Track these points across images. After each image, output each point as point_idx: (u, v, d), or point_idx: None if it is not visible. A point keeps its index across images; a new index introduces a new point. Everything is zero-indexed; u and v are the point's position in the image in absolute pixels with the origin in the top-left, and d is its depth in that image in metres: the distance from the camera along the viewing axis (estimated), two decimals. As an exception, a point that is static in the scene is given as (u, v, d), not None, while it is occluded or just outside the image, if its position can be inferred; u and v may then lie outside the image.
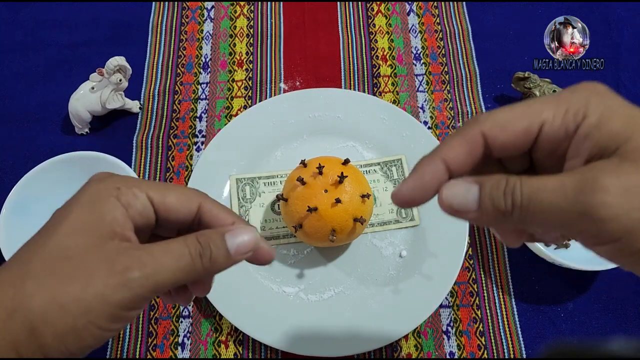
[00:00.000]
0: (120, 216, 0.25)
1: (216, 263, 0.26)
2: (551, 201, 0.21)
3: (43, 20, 0.66)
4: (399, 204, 0.25)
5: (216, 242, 0.26)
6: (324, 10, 0.66)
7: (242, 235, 0.27)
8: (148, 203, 0.27)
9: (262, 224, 0.52)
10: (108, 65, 0.54)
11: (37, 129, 0.59)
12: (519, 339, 0.48)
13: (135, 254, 0.24)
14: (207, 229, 0.27)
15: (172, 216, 0.27)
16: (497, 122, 0.24)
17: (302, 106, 0.57)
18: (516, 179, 0.22)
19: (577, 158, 0.23)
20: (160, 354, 0.48)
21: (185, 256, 0.25)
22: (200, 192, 0.29)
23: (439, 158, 0.24)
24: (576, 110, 0.22)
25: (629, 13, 0.66)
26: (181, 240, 0.26)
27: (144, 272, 0.24)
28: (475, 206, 0.23)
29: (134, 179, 0.27)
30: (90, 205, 0.25)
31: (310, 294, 0.49)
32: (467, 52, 0.63)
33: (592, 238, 0.21)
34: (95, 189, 0.26)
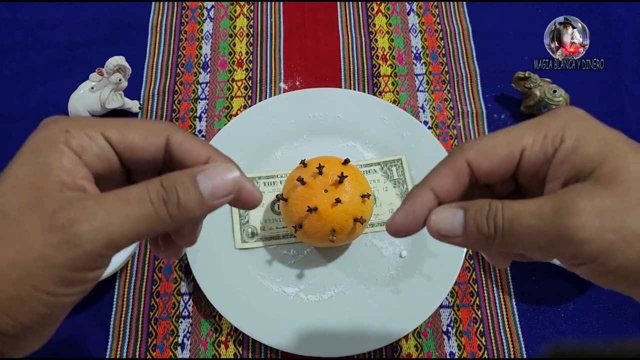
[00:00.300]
0: (70, 163, 0.22)
1: (186, 210, 0.22)
2: (530, 224, 0.22)
3: (43, 20, 0.66)
4: (393, 233, 0.26)
5: (185, 185, 0.22)
6: (324, 10, 0.66)
7: (218, 175, 0.23)
8: (106, 144, 0.23)
9: (262, 224, 0.52)
10: (108, 65, 0.54)
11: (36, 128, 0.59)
12: (519, 339, 0.48)
13: (81, 204, 0.21)
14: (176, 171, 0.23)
15: (138, 155, 0.24)
16: (480, 150, 0.25)
17: (302, 106, 0.57)
18: (498, 203, 0.23)
19: (556, 181, 0.23)
20: (160, 354, 0.48)
21: (146, 203, 0.22)
22: (169, 124, 0.25)
23: (428, 187, 0.25)
24: (554, 134, 0.23)
25: (629, 13, 0.66)
26: (142, 185, 0.22)
27: (92, 225, 0.20)
28: (460, 231, 0.24)
29: (88, 119, 0.24)
30: (33, 156, 0.22)
31: (310, 294, 0.49)
32: (467, 51, 0.63)
33: (570, 259, 0.22)
34: (39, 137, 0.23)
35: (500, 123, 0.59)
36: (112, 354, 0.48)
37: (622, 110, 0.59)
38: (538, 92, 0.55)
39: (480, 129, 0.58)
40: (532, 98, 0.56)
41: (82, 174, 0.22)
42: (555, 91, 0.55)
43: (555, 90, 0.55)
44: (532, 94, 0.56)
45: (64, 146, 0.22)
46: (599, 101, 0.60)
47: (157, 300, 0.50)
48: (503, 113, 0.59)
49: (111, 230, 0.21)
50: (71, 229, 0.20)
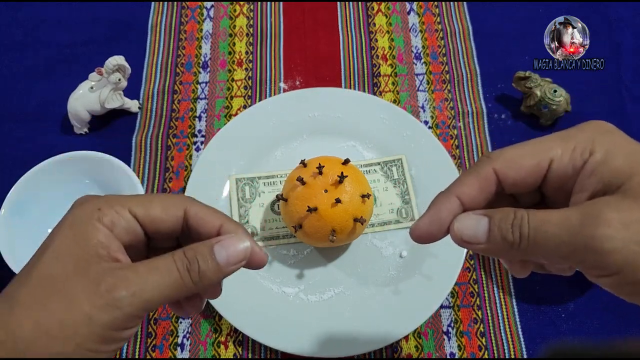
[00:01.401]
0: (104, 238, 0.25)
1: (206, 276, 0.25)
2: (556, 233, 0.22)
3: (42, 19, 0.66)
4: (417, 239, 0.26)
5: (204, 255, 0.26)
6: (324, 10, 0.66)
7: (232, 246, 0.26)
8: (132, 219, 0.26)
9: (261, 224, 0.52)
10: (107, 65, 0.53)
11: (36, 128, 0.58)
12: (520, 340, 0.48)
13: (120, 273, 0.24)
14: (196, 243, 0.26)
15: (160, 227, 0.27)
16: (508, 159, 0.25)
17: (302, 106, 0.57)
18: (523, 212, 0.23)
19: (583, 193, 0.23)
20: (159, 354, 0.47)
21: (173, 272, 0.25)
22: (186, 197, 0.28)
23: (454, 195, 0.25)
24: (583, 147, 0.24)
25: (629, 13, 0.66)
26: (168, 255, 0.25)
27: (130, 291, 0.23)
28: (484, 238, 0.24)
29: (115, 197, 0.27)
30: (72, 231, 0.25)
31: (310, 294, 0.49)
32: (467, 51, 0.63)
33: (594, 269, 0.22)
34: (76, 214, 0.26)
35: (500, 123, 0.59)
36: (112, 354, 0.48)
37: (622, 110, 0.59)
38: (538, 92, 0.55)
39: (481, 129, 0.58)
40: (532, 98, 0.56)
41: (115, 246, 0.25)
42: (555, 91, 0.55)
43: (556, 90, 0.55)
44: (532, 94, 0.56)
45: (98, 223, 0.25)
46: (599, 101, 0.60)
47: (157, 300, 0.50)
48: (503, 113, 0.59)
49: (145, 295, 0.24)
50: (113, 293, 0.23)
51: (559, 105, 0.55)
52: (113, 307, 0.23)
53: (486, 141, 0.57)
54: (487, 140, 0.57)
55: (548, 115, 0.56)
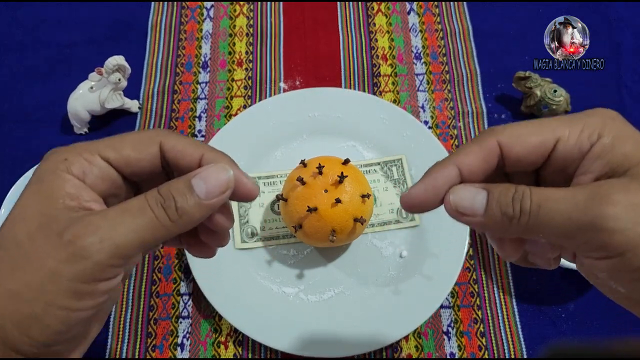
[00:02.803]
0: (73, 189, 0.23)
1: (186, 213, 0.23)
2: (560, 210, 0.21)
3: (42, 19, 0.66)
4: (408, 207, 0.25)
5: (180, 190, 0.23)
6: (324, 10, 0.66)
7: (211, 176, 0.24)
8: (104, 164, 0.24)
9: (261, 224, 0.52)
10: (107, 65, 0.53)
11: (36, 128, 0.58)
12: (520, 340, 0.48)
13: (86, 220, 0.22)
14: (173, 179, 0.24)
15: (136, 167, 0.25)
16: (514, 133, 0.24)
17: (302, 106, 0.57)
18: (525, 187, 0.23)
19: (587, 175, 0.23)
20: (159, 354, 0.47)
21: (146, 211, 0.23)
22: (160, 130, 0.26)
23: (453, 163, 0.24)
24: (592, 130, 0.23)
25: (629, 13, 0.66)
26: (141, 196, 0.24)
27: (97, 237, 0.22)
28: (481, 211, 0.23)
29: (84, 144, 0.25)
30: (37, 186, 0.23)
31: (310, 294, 0.49)
32: (467, 51, 0.63)
33: (595, 250, 0.22)
34: (42, 168, 0.24)
35: (500, 123, 0.59)
36: (112, 354, 0.47)
37: (622, 110, 0.59)
38: (538, 92, 0.55)
39: (481, 129, 0.58)
40: (532, 98, 0.56)
41: (87, 196, 0.24)
42: (555, 91, 0.55)
43: (556, 90, 0.55)
44: (532, 94, 0.56)
45: (65, 173, 0.23)
46: (599, 101, 0.60)
47: (157, 300, 0.50)
48: (503, 113, 0.59)
49: (116, 240, 0.22)
50: (78, 242, 0.21)
51: (559, 105, 0.55)
52: (79, 257, 0.21)
53: (486, 141, 0.57)
54: (487, 140, 0.57)
55: (548, 115, 0.56)
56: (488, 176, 0.25)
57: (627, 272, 0.21)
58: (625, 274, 0.22)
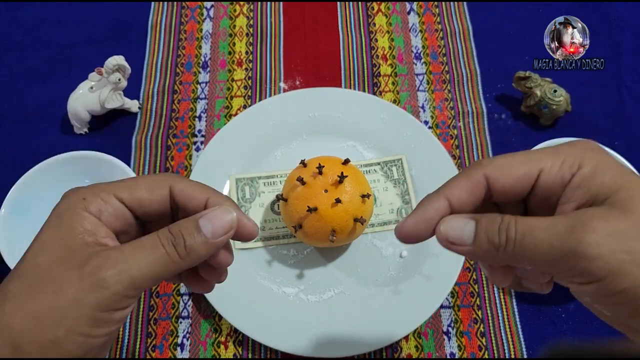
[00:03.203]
0: (90, 226, 0.25)
1: (193, 250, 0.26)
2: (543, 238, 0.23)
3: (42, 19, 0.66)
4: (402, 238, 0.26)
5: (189, 230, 0.26)
6: (324, 10, 0.66)
7: (217, 218, 0.26)
8: (119, 204, 0.27)
9: (261, 224, 0.52)
10: (107, 65, 0.53)
11: (36, 128, 0.58)
12: (520, 340, 0.48)
13: (105, 254, 0.24)
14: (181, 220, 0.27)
15: (147, 208, 0.27)
16: (499, 166, 0.25)
17: (302, 106, 0.57)
18: (510, 217, 0.24)
19: (569, 204, 0.24)
20: (159, 354, 0.47)
21: (158, 248, 0.25)
22: (170, 175, 0.28)
23: (443, 196, 0.25)
24: (572, 161, 0.24)
25: (629, 13, 0.66)
26: (154, 234, 0.26)
27: (115, 269, 0.24)
28: (470, 240, 0.24)
29: (100, 185, 0.27)
30: (58, 221, 0.25)
31: (310, 294, 0.49)
32: (467, 51, 0.63)
33: (578, 276, 0.23)
34: (62, 205, 0.26)
35: (500, 123, 0.59)
36: (112, 354, 0.48)
37: (622, 110, 0.59)
38: (538, 92, 0.55)
39: (481, 129, 0.58)
40: (532, 98, 0.56)
41: (103, 233, 0.26)
42: (555, 91, 0.55)
43: (556, 90, 0.55)
44: (532, 94, 0.56)
45: (84, 211, 0.25)
46: (599, 101, 0.60)
47: (157, 300, 0.50)
48: (504, 113, 0.59)
49: (132, 273, 0.24)
50: (98, 274, 0.23)
51: (559, 105, 0.55)
52: (99, 287, 0.23)
53: (486, 141, 0.57)
54: (487, 140, 0.57)
55: (548, 115, 0.56)
56: (477, 207, 0.26)
57: (608, 296, 0.22)
58: (607, 298, 0.23)
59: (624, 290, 0.21)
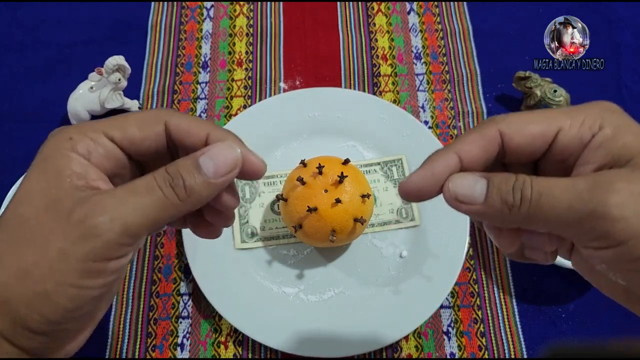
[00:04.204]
0: (79, 167, 0.23)
1: (194, 191, 0.23)
2: (562, 198, 0.21)
3: (42, 19, 0.66)
4: (406, 194, 0.24)
5: (188, 169, 0.23)
6: (324, 10, 0.66)
7: (219, 155, 0.24)
8: (110, 143, 0.24)
9: (261, 224, 0.52)
10: (107, 65, 0.53)
11: (36, 128, 0.58)
12: (520, 340, 0.48)
13: (95, 199, 0.22)
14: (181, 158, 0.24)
15: (141, 147, 0.25)
16: (515, 122, 0.24)
17: (302, 106, 0.57)
18: (526, 176, 0.22)
19: (588, 165, 0.23)
20: (159, 354, 0.47)
21: (155, 190, 0.23)
22: (165, 110, 0.26)
23: (453, 150, 0.24)
24: (593, 121, 0.23)
25: (630, 13, 0.66)
26: (149, 175, 0.24)
27: (107, 216, 0.22)
28: (481, 199, 0.23)
29: (88, 123, 0.25)
30: (43, 165, 0.23)
31: (310, 294, 0.49)
32: (468, 51, 0.63)
33: (597, 240, 0.21)
34: (47, 147, 0.24)
35: (500, 123, 0.59)
36: (112, 354, 0.47)
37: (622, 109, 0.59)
38: (539, 92, 0.55)
39: (481, 129, 0.58)
40: (532, 98, 0.56)
41: (94, 175, 0.23)
42: (555, 91, 0.55)
43: (556, 90, 0.55)
44: (532, 94, 0.56)
45: (71, 152, 0.23)
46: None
47: (157, 300, 0.50)
48: (504, 113, 0.59)
49: (126, 219, 0.22)
50: (87, 221, 0.21)
51: (559, 105, 0.55)
52: (89, 236, 0.21)
53: (486, 141, 0.57)
54: (487, 140, 0.57)
55: (548, 115, 0.56)
56: (488, 166, 0.25)
57: (627, 261, 0.21)
58: (626, 264, 0.21)
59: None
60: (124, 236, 0.22)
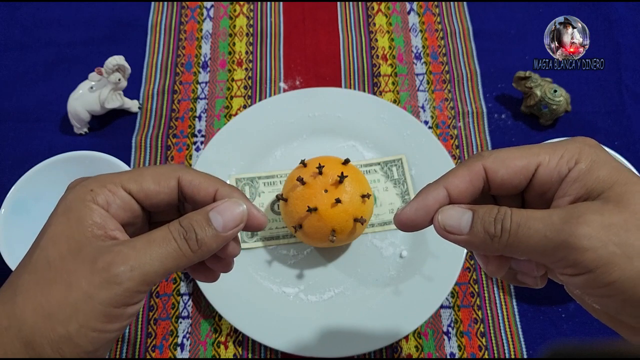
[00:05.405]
0: (99, 218, 0.25)
1: (205, 243, 0.26)
2: (537, 229, 0.23)
3: (42, 19, 0.66)
4: (401, 225, 0.27)
5: (200, 223, 0.26)
6: (324, 9, 0.66)
7: (227, 210, 0.26)
8: (126, 195, 0.26)
9: (261, 224, 0.52)
10: (107, 65, 0.53)
11: (36, 128, 0.58)
12: (520, 340, 0.48)
13: (117, 249, 0.24)
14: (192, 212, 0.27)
15: (155, 200, 0.27)
16: (498, 158, 0.26)
17: (302, 105, 0.57)
18: (507, 208, 0.25)
19: (565, 197, 0.25)
20: (159, 354, 0.47)
21: (170, 242, 0.25)
22: (178, 166, 0.28)
23: (442, 185, 0.26)
24: (570, 156, 0.25)
25: (630, 12, 0.66)
26: (164, 227, 0.26)
27: (128, 265, 0.23)
28: (467, 229, 0.25)
29: (107, 176, 0.27)
30: (67, 215, 0.25)
31: (310, 294, 0.49)
32: (468, 51, 0.63)
33: (569, 268, 0.23)
34: (69, 198, 0.26)
35: (500, 123, 0.59)
36: (112, 354, 0.47)
37: (622, 109, 0.59)
38: (539, 92, 0.55)
39: (481, 129, 0.58)
40: (532, 98, 0.56)
41: (112, 225, 0.25)
42: (555, 91, 0.55)
43: (556, 90, 0.55)
44: (532, 94, 0.56)
45: (92, 203, 0.25)
46: (599, 101, 0.60)
47: (157, 300, 0.50)
48: (504, 113, 0.59)
49: (144, 268, 0.24)
50: (111, 270, 0.23)
51: (559, 105, 0.55)
52: (112, 284, 0.23)
53: (486, 141, 0.57)
54: (487, 140, 0.57)
55: (548, 115, 0.56)
56: (475, 199, 0.27)
57: (598, 288, 0.23)
58: (597, 289, 0.23)
59: (613, 283, 0.22)
60: (142, 284, 0.24)
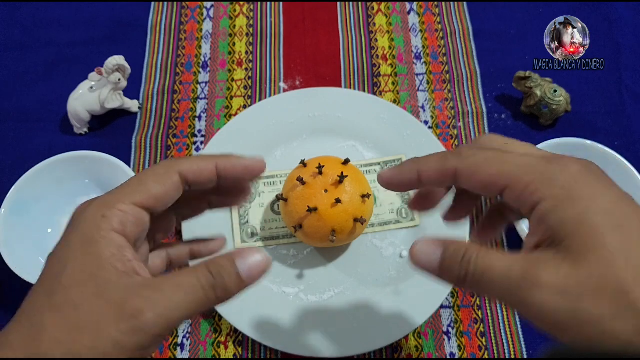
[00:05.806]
0: (117, 250, 0.25)
1: (229, 291, 0.26)
2: (496, 282, 0.24)
3: (42, 18, 0.66)
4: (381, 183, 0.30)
5: (228, 270, 0.26)
6: (324, 9, 0.66)
7: (252, 257, 0.27)
8: (137, 209, 0.26)
9: (261, 224, 0.52)
10: (107, 65, 0.53)
11: (36, 128, 0.58)
12: (520, 340, 0.48)
13: (145, 294, 0.24)
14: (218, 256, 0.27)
15: (165, 200, 0.27)
16: (475, 164, 0.26)
17: (302, 105, 0.57)
18: (473, 252, 0.25)
19: (532, 237, 0.25)
20: (159, 354, 0.47)
21: (197, 289, 0.25)
22: (171, 161, 0.28)
23: (416, 169, 0.28)
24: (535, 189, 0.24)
25: (630, 12, 0.66)
26: (192, 272, 0.25)
27: (156, 312, 0.24)
28: (436, 267, 0.26)
29: (113, 195, 0.26)
30: (85, 248, 0.25)
31: (310, 294, 0.49)
32: (468, 51, 0.63)
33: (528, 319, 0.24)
34: (84, 229, 0.25)
35: (500, 123, 0.59)
36: (112, 354, 0.47)
37: (622, 109, 0.59)
38: (539, 92, 0.55)
39: (481, 129, 0.58)
40: (532, 98, 0.56)
41: (129, 254, 0.25)
42: (555, 91, 0.55)
43: (556, 90, 0.55)
44: (532, 94, 0.56)
45: (111, 232, 0.25)
46: (599, 101, 0.60)
47: (157, 300, 0.50)
48: (504, 113, 0.59)
49: (170, 315, 0.24)
50: (139, 317, 0.23)
51: (559, 105, 0.55)
52: (139, 331, 0.23)
53: (486, 141, 0.57)
54: (487, 140, 0.57)
55: (548, 115, 0.56)
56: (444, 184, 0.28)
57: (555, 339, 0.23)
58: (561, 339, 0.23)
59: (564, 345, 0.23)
60: (167, 330, 0.24)
